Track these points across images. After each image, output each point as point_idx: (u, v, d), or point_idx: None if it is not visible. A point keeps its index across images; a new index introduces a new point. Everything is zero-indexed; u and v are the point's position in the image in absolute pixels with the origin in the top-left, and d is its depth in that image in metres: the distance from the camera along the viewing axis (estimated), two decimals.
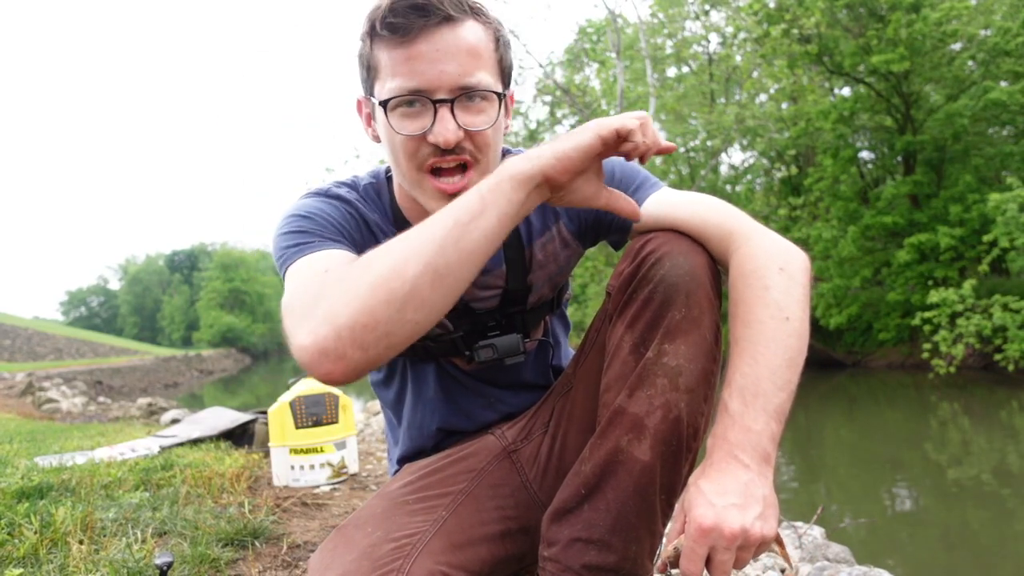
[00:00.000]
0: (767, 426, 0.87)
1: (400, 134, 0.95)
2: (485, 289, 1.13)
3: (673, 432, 0.91)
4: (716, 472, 0.85)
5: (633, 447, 0.91)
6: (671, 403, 0.91)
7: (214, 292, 58.87)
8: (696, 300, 0.92)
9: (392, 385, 1.22)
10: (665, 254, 0.94)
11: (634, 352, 0.94)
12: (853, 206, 15.71)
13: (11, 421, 6.33)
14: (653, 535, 0.93)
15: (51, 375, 16.74)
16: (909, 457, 6.82)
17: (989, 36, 14.05)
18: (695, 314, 0.92)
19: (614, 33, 13.62)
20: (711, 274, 0.95)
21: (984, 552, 4.10)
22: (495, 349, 1.12)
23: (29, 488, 2.09)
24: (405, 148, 0.96)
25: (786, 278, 0.94)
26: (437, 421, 1.18)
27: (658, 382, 0.91)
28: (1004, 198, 11.14)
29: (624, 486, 0.90)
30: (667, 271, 0.93)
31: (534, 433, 1.16)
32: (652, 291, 0.93)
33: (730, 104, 15.47)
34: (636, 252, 0.97)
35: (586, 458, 0.95)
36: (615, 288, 0.99)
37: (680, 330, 0.92)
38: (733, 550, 0.82)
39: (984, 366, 12.49)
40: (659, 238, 0.96)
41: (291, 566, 1.63)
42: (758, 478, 0.85)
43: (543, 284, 1.16)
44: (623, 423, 0.92)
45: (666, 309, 0.92)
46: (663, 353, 0.92)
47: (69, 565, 1.45)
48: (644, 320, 0.94)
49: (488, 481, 1.12)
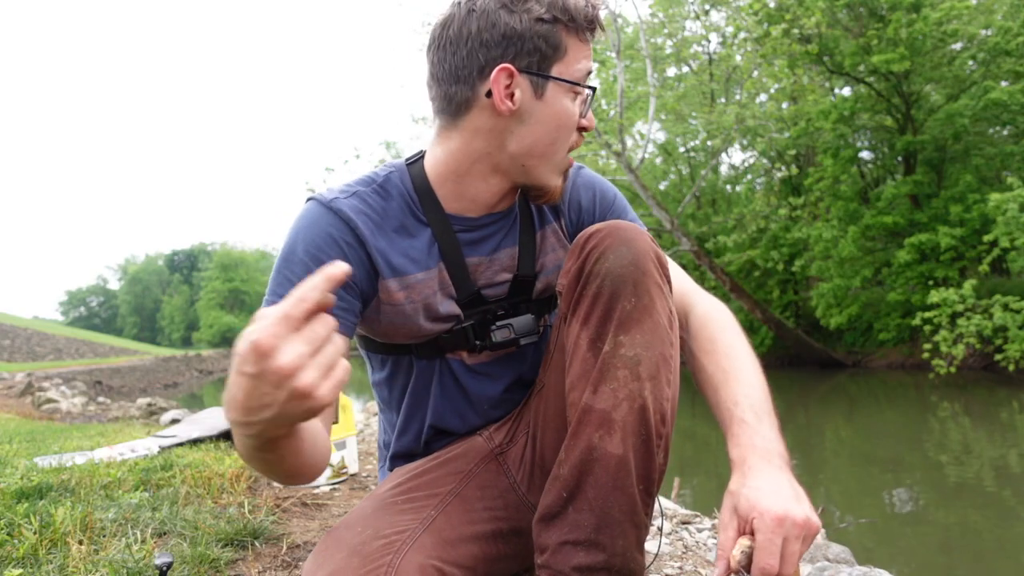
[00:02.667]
0: (779, 438, 0.94)
1: (583, 119, 1.06)
2: (500, 271, 1.15)
3: (641, 422, 0.92)
4: (760, 473, 0.89)
5: (605, 443, 0.91)
6: (635, 393, 0.92)
7: (214, 292, 58.93)
8: (644, 288, 0.94)
9: (395, 383, 1.22)
10: (608, 247, 0.95)
11: (592, 348, 0.95)
12: (853, 206, 15.71)
13: (11, 421, 6.33)
14: (638, 526, 0.93)
15: (51, 375, 16.74)
16: (909, 457, 6.82)
17: (990, 36, 14.04)
18: (645, 302, 0.94)
19: (614, 33, 13.63)
20: (656, 259, 0.97)
21: (984, 552, 4.10)
22: (512, 329, 1.14)
23: (28, 488, 2.09)
24: (570, 129, 1.06)
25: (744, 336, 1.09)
26: (431, 418, 1.19)
27: (619, 374, 0.92)
28: (1004, 198, 11.12)
29: (603, 483, 0.91)
30: (611, 263, 0.94)
31: (518, 435, 1.17)
32: (600, 285, 0.95)
33: (730, 104, 15.47)
34: (580, 248, 0.99)
35: (563, 460, 0.95)
36: (565, 287, 1.01)
37: (632, 320, 0.93)
38: (802, 539, 0.85)
39: (984, 366, 12.49)
40: (601, 231, 0.98)
41: (291, 566, 1.63)
42: (792, 478, 0.90)
43: (548, 273, 1.19)
44: (592, 421, 0.93)
45: (616, 301, 0.94)
46: (620, 345, 0.93)
47: (69, 565, 1.45)
48: (596, 315, 0.95)
49: (477, 483, 1.12)
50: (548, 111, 1.03)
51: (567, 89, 1.02)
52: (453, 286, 1.12)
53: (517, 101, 1.01)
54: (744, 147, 19.44)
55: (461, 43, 1.01)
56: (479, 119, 1.04)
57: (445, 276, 1.12)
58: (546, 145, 1.04)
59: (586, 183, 1.23)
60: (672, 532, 2.06)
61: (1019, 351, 10.85)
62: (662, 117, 17.63)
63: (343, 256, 1.04)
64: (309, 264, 1.02)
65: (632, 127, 17.68)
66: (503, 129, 1.03)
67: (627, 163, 13.98)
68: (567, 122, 1.04)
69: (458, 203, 1.11)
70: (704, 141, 19.14)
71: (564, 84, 1.02)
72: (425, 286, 1.10)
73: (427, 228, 1.11)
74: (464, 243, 1.12)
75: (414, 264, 1.10)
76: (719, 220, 17.80)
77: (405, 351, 1.17)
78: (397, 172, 1.13)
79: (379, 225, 1.08)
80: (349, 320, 1.05)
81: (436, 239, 1.11)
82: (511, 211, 1.16)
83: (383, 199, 1.10)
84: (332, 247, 1.04)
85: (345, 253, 1.05)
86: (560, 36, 1.01)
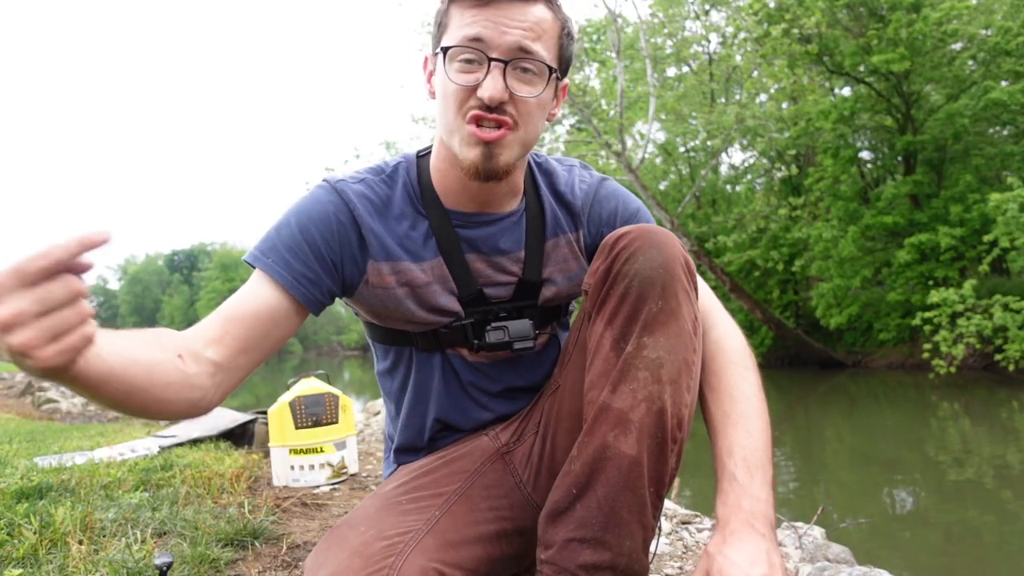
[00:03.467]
0: (769, 496, 0.95)
1: (454, 83, 1.01)
2: (501, 273, 1.15)
3: (658, 424, 0.92)
4: (739, 541, 0.90)
5: (619, 442, 0.91)
6: (654, 395, 0.92)
7: (214, 292, 58.86)
8: (672, 292, 0.94)
9: (397, 374, 1.22)
10: (638, 248, 0.95)
11: (615, 348, 0.95)
12: (853, 206, 15.70)
13: (10, 421, 6.34)
14: (645, 528, 0.93)
15: None
16: (909, 457, 6.81)
17: (990, 36, 14.03)
18: (672, 306, 0.94)
19: (614, 33, 13.63)
20: (685, 265, 0.97)
21: (984, 552, 4.10)
22: (507, 331, 1.14)
23: (28, 488, 2.09)
24: (456, 96, 1.02)
25: (754, 367, 1.08)
26: (435, 412, 1.19)
27: (640, 375, 0.92)
28: (1004, 198, 11.11)
29: (614, 482, 0.91)
30: (641, 265, 0.94)
31: (526, 434, 1.17)
32: (628, 286, 0.95)
33: (730, 104, 15.48)
34: (610, 248, 0.99)
35: (575, 457, 0.95)
36: (591, 286, 1.01)
37: (658, 322, 0.93)
38: None
39: (984, 366, 12.49)
40: (631, 233, 0.98)
41: (291, 566, 1.63)
42: (773, 546, 0.91)
43: (555, 283, 1.18)
44: (608, 419, 0.93)
45: (642, 303, 0.94)
46: (643, 346, 0.93)
47: (69, 565, 1.45)
48: (622, 315, 0.95)
49: (482, 482, 1.12)
50: (440, 82, 1.05)
51: (450, 58, 1.02)
52: (454, 282, 1.13)
53: (432, 83, 1.08)
54: (744, 147, 19.44)
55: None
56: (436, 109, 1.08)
57: (445, 271, 1.12)
58: (441, 116, 1.06)
59: (609, 195, 1.22)
60: (672, 532, 2.06)
61: (1019, 351, 10.84)
62: (662, 117, 17.62)
63: (331, 231, 1.07)
64: (297, 233, 1.05)
65: (632, 127, 17.69)
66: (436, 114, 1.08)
67: (627, 163, 13.99)
68: (447, 88, 1.03)
69: (451, 197, 1.12)
70: (704, 141, 19.13)
71: (443, 55, 1.03)
72: (417, 275, 1.11)
73: (426, 220, 1.12)
74: (463, 239, 1.13)
75: (409, 253, 1.11)
76: (719, 220, 17.79)
77: (406, 342, 1.18)
78: (405, 163, 1.16)
79: (380, 211, 1.11)
80: (311, 292, 1.05)
81: (434, 232, 1.12)
82: (515, 214, 1.15)
83: (388, 187, 1.13)
84: (324, 221, 1.07)
85: (334, 229, 1.07)
86: (449, 10, 1.04)
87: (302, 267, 1.04)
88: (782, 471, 6.28)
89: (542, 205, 1.18)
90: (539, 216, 1.17)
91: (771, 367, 17.02)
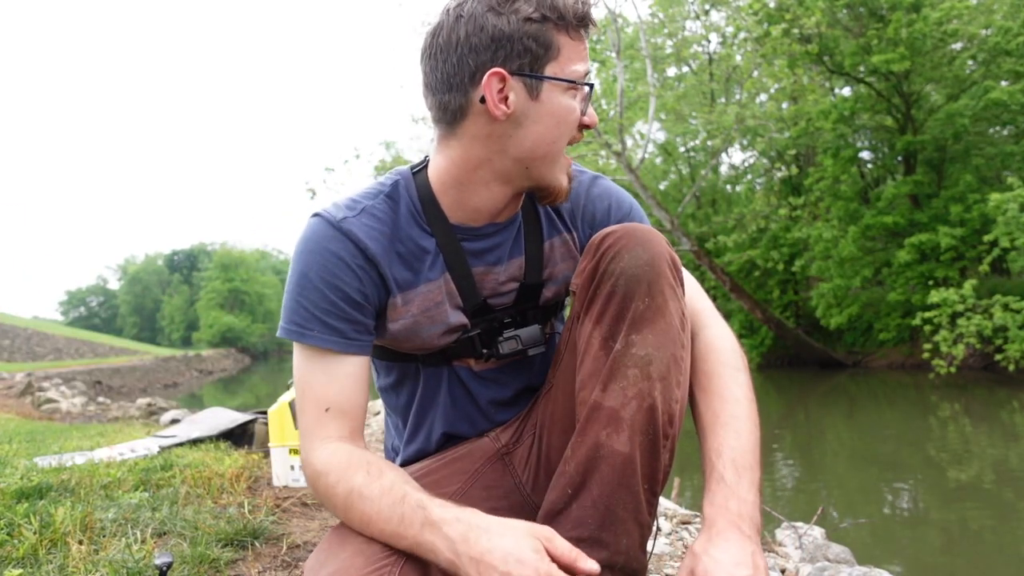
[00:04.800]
0: (756, 498, 0.95)
1: (587, 117, 1.05)
2: (505, 280, 1.14)
3: (649, 421, 0.93)
4: (725, 543, 0.90)
5: (612, 440, 0.92)
6: (644, 393, 0.93)
7: (214, 292, 58.90)
8: (658, 289, 0.95)
9: (402, 390, 1.21)
10: (623, 247, 0.96)
11: (604, 347, 0.96)
12: (853, 206, 15.70)
13: (10, 421, 6.34)
14: (641, 525, 0.94)
15: (50, 375, 16.72)
16: (909, 457, 6.81)
17: (990, 36, 14.02)
18: (659, 303, 0.94)
19: (614, 33, 13.63)
20: (671, 262, 0.97)
21: (984, 552, 4.10)
22: (519, 340, 1.14)
23: (28, 488, 2.09)
24: (573, 127, 1.04)
25: (746, 368, 1.08)
26: (443, 426, 1.18)
27: (629, 373, 0.93)
28: (1005, 198, 11.12)
29: (608, 480, 0.92)
30: (627, 263, 0.95)
31: (525, 435, 1.17)
32: (614, 285, 0.95)
33: (730, 104, 15.47)
34: (595, 248, 0.99)
35: (569, 457, 0.96)
36: (579, 286, 1.01)
37: (645, 319, 0.94)
38: None
39: (985, 366, 12.49)
40: (616, 232, 0.98)
41: (291, 566, 1.63)
42: (758, 548, 0.91)
43: (555, 283, 1.18)
44: (600, 418, 0.93)
45: (629, 301, 0.94)
46: (631, 344, 0.94)
47: (68, 565, 1.45)
48: (610, 314, 0.96)
49: (482, 483, 1.12)
50: (545, 111, 1.01)
51: (564, 87, 1.00)
52: (460, 296, 1.12)
53: (512, 104, 0.99)
54: (744, 147, 19.44)
55: (451, 50, 0.99)
56: (476, 126, 1.02)
57: (452, 287, 1.11)
58: (548, 145, 1.03)
59: (601, 194, 1.21)
60: (672, 532, 2.06)
61: (1019, 351, 10.84)
62: (662, 117, 17.63)
63: (356, 279, 1.04)
64: (325, 291, 1.02)
65: (632, 127, 17.68)
66: (501, 134, 1.02)
67: (627, 163, 13.98)
68: (567, 119, 1.02)
69: (462, 212, 1.09)
70: (704, 141, 19.14)
71: (560, 83, 1.00)
72: (429, 298, 1.10)
73: (432, 238, 1.10)
74: (469, 253, 1.11)
75: (418, 276, 1.09)
76: (719, 220, 17.79)
77: (411, 359, 1.17)
78: (403, 180, 1.12)
79: (390, 240, 1.07)
80: (366, 340, 1.06)
81: (441, 250, 1.10)
82: (515, 220, 1.15)
83: (391, 209, 1.09)
84: (345, 271, 1.03)
85: (358, 276, 1.04)
86: (551, 35, 0.99)
87: (345, 325, 1.03)
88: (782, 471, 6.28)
89: (536, 207, 1.17)
90: (535, 219, 1.17)
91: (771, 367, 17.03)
